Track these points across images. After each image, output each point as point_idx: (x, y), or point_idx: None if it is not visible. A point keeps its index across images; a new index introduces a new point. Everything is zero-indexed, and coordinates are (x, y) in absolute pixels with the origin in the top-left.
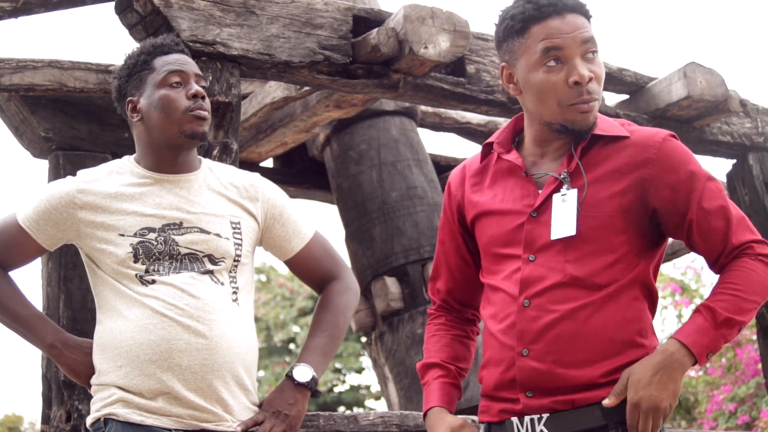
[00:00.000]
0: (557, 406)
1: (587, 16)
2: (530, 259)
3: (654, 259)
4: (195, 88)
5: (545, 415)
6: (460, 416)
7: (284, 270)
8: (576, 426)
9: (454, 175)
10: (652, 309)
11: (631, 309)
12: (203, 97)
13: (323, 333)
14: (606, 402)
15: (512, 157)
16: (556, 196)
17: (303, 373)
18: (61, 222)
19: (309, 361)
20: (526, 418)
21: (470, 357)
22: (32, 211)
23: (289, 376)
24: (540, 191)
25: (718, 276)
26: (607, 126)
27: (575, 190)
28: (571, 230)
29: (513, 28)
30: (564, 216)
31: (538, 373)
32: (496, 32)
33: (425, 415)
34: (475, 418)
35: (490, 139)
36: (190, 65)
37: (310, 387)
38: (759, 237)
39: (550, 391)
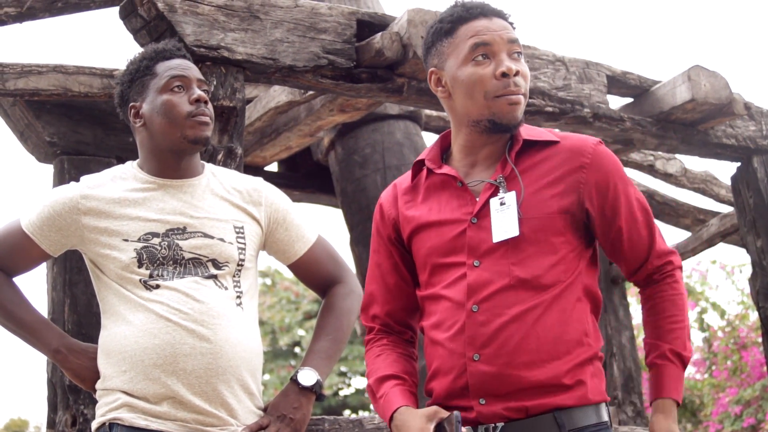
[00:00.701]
0: (511, 414)
1: (512, 25)
2: (475, 264)
3: (593, 262)
4: (197, 92)
5: (500, 425)
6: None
7: (289, 274)
8: None
9: (385, 196)
10: (595, 311)
11: (576, 310)
12: (206, 102)
13: (327, 336)
14: None
15: (445, 170)
16: (493, 201)
17: (307, 377)
18: (64, 228)
19: (313, 364)
20: (480, 428)
21: (417, 374)
22: (36, 217)
23: (294, 380)
24: (477, 199)
25: (646, 297)
26: (535, 132)
27: (513, 193)
28: (513, 231)
29: (442, 29)
30: (504, 219)
31: (489, 377)
32: (425, 40)
33: (391, 418)
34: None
35: (419, 158)
36: (192, 70)
37: (315, 391)
38: (670, 247)
39: (502, 397)
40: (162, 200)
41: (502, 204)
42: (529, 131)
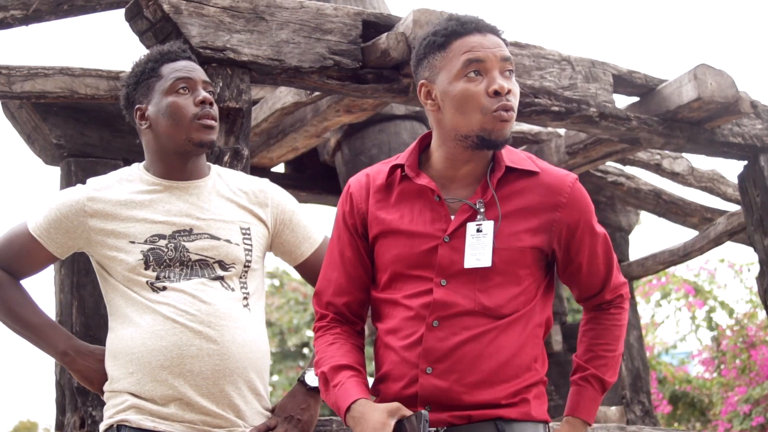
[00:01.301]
0: (454, 420)
1: (505, 42)
2: (442, 283)
3: (548, 288)
4: (202, 94)
5: (442, 429)
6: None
7: (297, 275)
8: None
9: (356, 185)
10: (546, 335)
11: (530, 336)
12: (211, 104)
13: None
14: None
15: (424, 181)
16: (470, 225)
17: (315, 378)
18: (71, 230)
19: None
20: None
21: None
22: (43, 219)
23: (301, 381)
24: (453, 216)
25: (588, 319)
26: (517, 158)
27: (491, 222)
28: (486, 262)
29: (435, 43)
30: (478, 247)
31: (439, 391)
32: (417, 52)
33: (347, 409)
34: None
35: (398, 161)
36: (198, 72)
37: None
38: (623, 279)
39: (448, 408)
40: (168, 202)
41: (478, 231)
42: (511, 156)
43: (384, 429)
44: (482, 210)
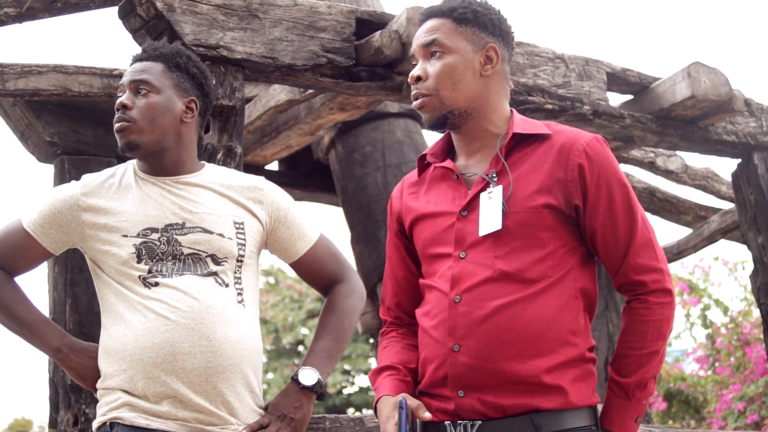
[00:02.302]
0: (487, 411)
1: (456, 19)
2: (461, 256)
3: (588, 258)
4: (118, 99)
5: (477, 423)
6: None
7: (293, 272)
8: None
9: (395, 190)
10: (589, 309)
11: (565, 307)
12: (126, 107)
13: (329, 336)
14: None
15: (445, 163)
16: (483, 195)
17: (308, 376)
18: (65, 225)
19: (314, 364)
20: (459, 426)
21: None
22: (37, 215)
23: (295, 380)
24: (469, 191)
25: (623, 312)
26: (529, 126)
27: (500, 187)
28: (496, 225)
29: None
30: (490, 213)
31: (468, 369)
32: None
33: (375, 408)
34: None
35: (424, 152)
36: (135, 74)
37: (316, 390)
38: (659, 263)
39: (479, 389)
40: (161, 196)
41: (490, 198)
42: (523, 124)
43: (387, 423)
44: (494, 179)
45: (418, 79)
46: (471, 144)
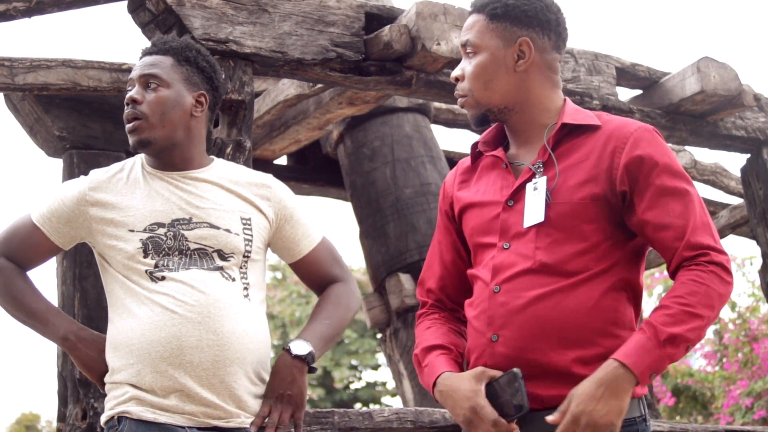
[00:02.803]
0: (530, 404)
1: (488, 15)
2: (504, 246)
3: (636, 251)
4: (128, 93)
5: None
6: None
7: None
8: (547, 428)
9: (449, 175)
10: (634, 302)
11: (606, 298)
12: (136, 102)
13: (324, 321)
14: (550, 418)
15: (495, 152)
16: (528, 185)
17: (300, 347)
18: (73, 219)
19: (307, 338)
20: None
21: (464, 349)
22: (46, 209)
23: (286, 350)
24: (516, 181)
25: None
26: (579, 116)
27: (545, 178)
28: (539, 217)
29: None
30: (535, 204)
31: (505, 360)
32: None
33: (434, 384)
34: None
35: (476, 141)
36: (144, 68)
37: (307, 361)
38: (717, 245)
39: None
40: (168, 191)
41: (535, 189)
42: (574, 115)
43: (476, 396)
44: (540, 169)
45: (458, 79)
46: (520, 135)
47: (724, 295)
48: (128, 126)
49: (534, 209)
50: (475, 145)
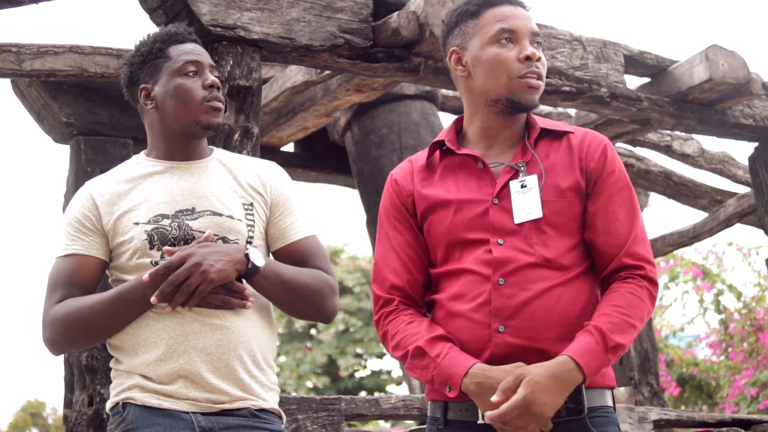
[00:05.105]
0: None
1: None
2: (499, 242)
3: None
4: (211, 78)
5: None
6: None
7: None
8: None
9: (399, 171)
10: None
11: (592, 294)
12: (218, 88)
13: (299, 272)
14: (494, 399)
15: (466, 151)
16: (513, 183)
17: (258, 257)
18: (90, 228)
19: (270, 262)
20: None
21: None
22: (64, 236)
23: (246, 254)
24: (497, 180)
25: (605, 291)
26: (550, 123)
27: (534, 176)
28: (537, 213)
29: (468, 11)
30: (526, 201)
31: (513, 349)
32: (448, 20)
33: (466, 374)
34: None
35: (438, 138)
36: (205, 56)
37: (250, 267)
38: (652, 260)
39: None
40: (170, 182)
41: (523, 186)
42: (544, 121)
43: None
44: (523, 168)
45: (532, 58)
46: (499, 133)
47: (651, 311)
48: (217, 105)
49: (525, 206)
50: (441, 144)
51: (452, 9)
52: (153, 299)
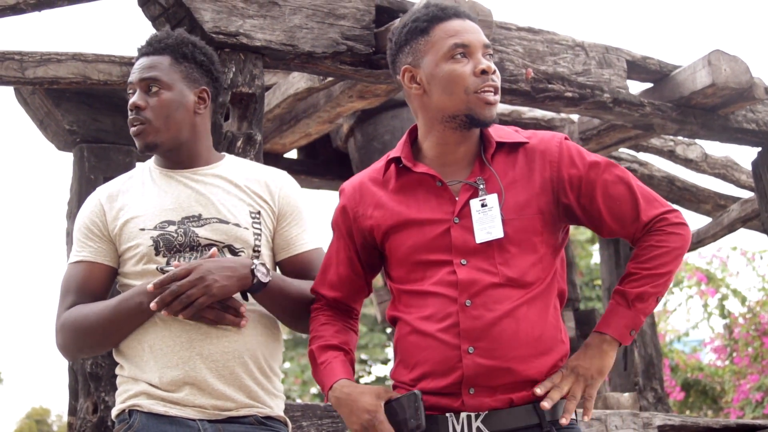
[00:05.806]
0: (496, 404)
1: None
2: (462, 263)
3: (563, 260)
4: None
5: (483, 413)
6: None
7: None
8: (512, 423)
9: (350, 189)
10: (562, 308)
11: (553, 308)
12: (139, 108)
13: (294, 282)
14: (538, 391)
15: (423, 169)
16: (473, 202)
17: (264, 274)
18: (98, 233)
19: (276, 276)
20: (463, 415)
21: (355, 345)
22: (76, 243)
23: (252, 269)
24: (457, 198)
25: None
26: (504, 133)
27: (494, 195)
28: (498, 233)
29: (417, 28)
30: (487, 220)
31: (484, 369)
32: (396, 39)
33: (330, 388)
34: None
35: (393, 155)
36: (143, 71)
37: (255, 283)
38: (669, 207)
39: (493, 388)
40: (177, 189)
41: (483, 206)
42: (497, 132)
43: (377, 412)
44: (482, 186)
45: (487, 71)
46: (455, 149)
47: (685, 247)
48: (133, 130)
49: (486, 226)
50: (397, 160)
51: (398, 26)
52: (152, 305)
